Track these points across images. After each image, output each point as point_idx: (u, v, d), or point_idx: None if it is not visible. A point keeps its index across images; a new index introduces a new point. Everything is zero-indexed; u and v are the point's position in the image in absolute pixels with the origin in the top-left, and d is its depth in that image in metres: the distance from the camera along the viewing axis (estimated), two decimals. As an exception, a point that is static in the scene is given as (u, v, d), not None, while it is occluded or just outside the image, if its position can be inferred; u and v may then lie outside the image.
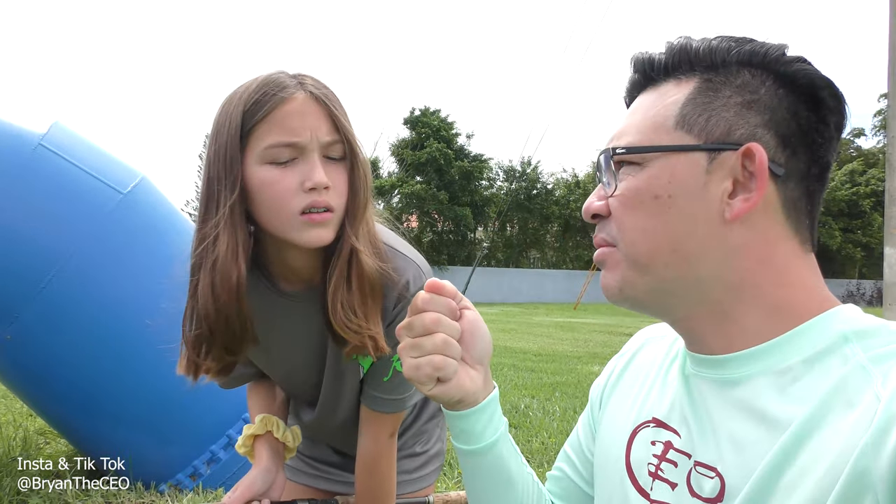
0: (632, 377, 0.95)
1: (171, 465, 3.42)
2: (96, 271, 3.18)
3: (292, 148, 1.09)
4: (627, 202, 0.76)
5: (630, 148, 0.76)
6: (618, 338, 12.82)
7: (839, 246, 38.16)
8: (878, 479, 0.56)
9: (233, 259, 1.12)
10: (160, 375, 3.28)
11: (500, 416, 0.88)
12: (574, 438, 1.03)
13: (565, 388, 6.86)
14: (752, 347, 0.72)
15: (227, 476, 3.48)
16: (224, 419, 3.48)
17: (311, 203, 1.10)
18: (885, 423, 0.57)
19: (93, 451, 3.59)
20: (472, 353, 0.84)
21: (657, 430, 0.84)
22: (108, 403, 3.30)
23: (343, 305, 1.17)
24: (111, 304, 3.21)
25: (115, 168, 3.38)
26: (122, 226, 3.26)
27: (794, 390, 0.67)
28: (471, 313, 0.85)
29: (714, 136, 0.72)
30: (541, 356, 9.58)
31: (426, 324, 0.79)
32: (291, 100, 1.09)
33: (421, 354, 0.79)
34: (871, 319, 0.70)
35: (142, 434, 3.36)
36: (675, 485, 0.77)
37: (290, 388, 1.48)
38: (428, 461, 1.58)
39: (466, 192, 34.98)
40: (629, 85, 0.84)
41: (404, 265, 1.25)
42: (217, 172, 1.12)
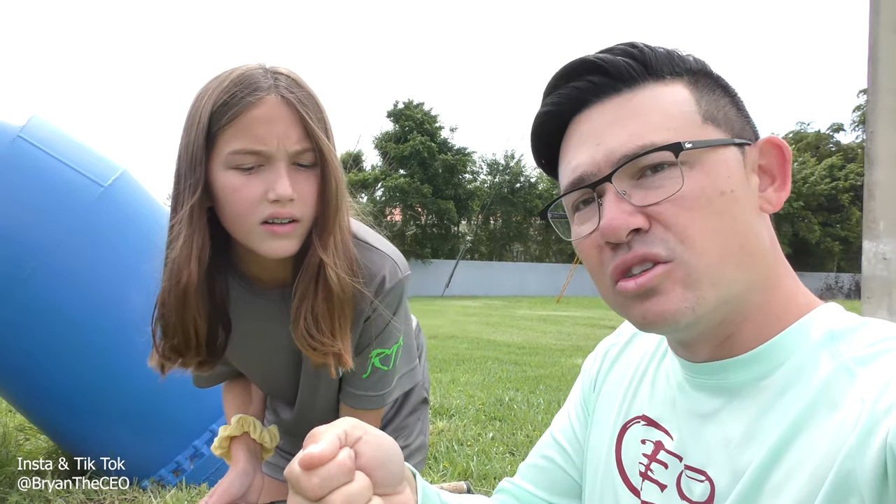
0: (624, 367, 0.93)
1: (153, 461, 3.39)
2: (77, 265, 3.14)
3: (258, 155, 1.06)
4: (693, 203, 0.67)
5: (697, 143, 0.68)
6: (601, 331, 12.88)
7: (818, 240, 38.62)
8: (863, 481, 0.56)
9: (185, 261, 1.10)
10: (142, 370, 3.22)
11: (432, 497, 0.78)
12: (566, 425, 0.99)
13: (549, 380, 6.88)
14: (751, 351, 0.71)
15: (211, 471, 3.46)
16: (207, 414, 3.46)
17: (273, 214, 1.07)
18: (869, 426, 0.57)
19: (74, 448, 3.55)
20: (390, 483, 0.66)
21: (648, 429, 0.83)
22: (90, 399, 3.26)
23: (307, 319, 1.15)
24: (92, 298, 3.17)
25: (95, 161, 3.34)
26: (103, 219, 3.22)
27: (782, 392, 0.67)
28: (365, 446, 0.64)
29: (736, 131, 0.73)
30: (524, 349, 9.60)
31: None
32: (260, 104, 1.05)
33: None
34: (855, 318, 0.70)
35: (124, 430, 3.32)
36: (664, 486, 0.77)
37: (268, 387, 1.46)
38: (410, 455, 1.57)
39: (450, 186, 34.96)
40: (586, 88, 0.74)
41: (380, 261, 1.23)
42: (184, 170, 1.09)
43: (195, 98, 1.10)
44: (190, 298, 1.12)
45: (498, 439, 4.52)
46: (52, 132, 3.29)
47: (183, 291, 1.11)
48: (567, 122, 0.77)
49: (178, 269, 1.10)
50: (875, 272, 5.79)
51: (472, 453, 4.07)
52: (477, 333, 11.92)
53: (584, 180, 0.73)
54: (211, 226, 1.12)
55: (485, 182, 38.67)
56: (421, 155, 33.65)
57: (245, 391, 1.47)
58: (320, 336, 1.15)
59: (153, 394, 3.24)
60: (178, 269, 1.10)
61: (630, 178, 0.70)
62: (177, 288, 1.11)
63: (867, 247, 5.56)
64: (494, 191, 37.00)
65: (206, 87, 1.09)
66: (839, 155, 42.68)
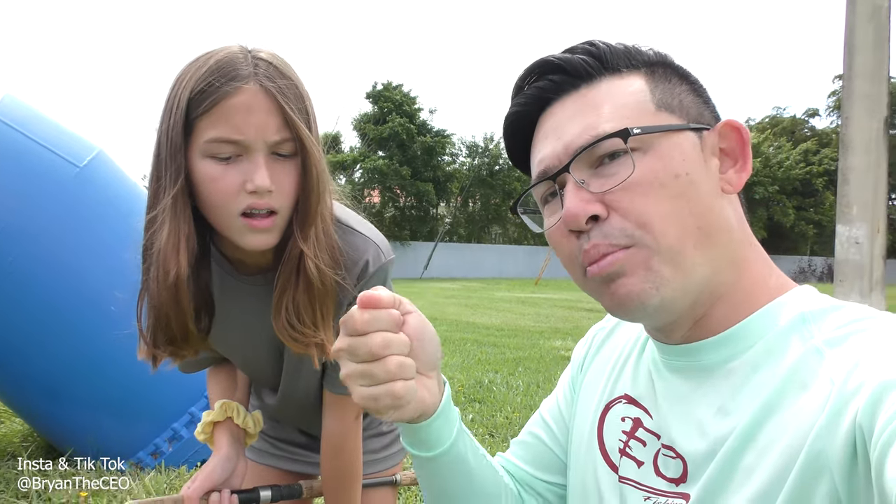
0: (609, 350, 0.95)
1: (132, 444, 3.38)
2: (54, 247, 3.09)
3: (235, 145, 1.03)
4: (646, 188, 0.70)
5: (647, 128, 0.71)
6: (578, 313, 12.98)
7: (792, 223, 39.15)
8: (833, 460, 0.57)
9: (173, 252, 1.08)
10: (121, 352, 3.22)
11: (454, 411, 0.82)
12: (553, 404, 1.01)
13: (528, 362, 6.94)
14: (722, 332, 0.73)
15: (190, 454, 3.45)
16: (187, 396, 3.44)
17: (251, 205, 1.05)
18: (838, 406, 0.58)
19: (51, 431, 3.52)
20: (424, 361, 0.74)
21: (628, 407, 0.85)
22: (68, 382, 3.24)
23: (288, 310, 1.14)
24: (70, 280, 3.13)
25: (70, 141, 3.28)
26: (80, 200, 3.17)
27: (754, 373, 0.69)
28: (415, 318, 0.74)
29: (692, 116, 0.75)
30: (503, 331, 9.66)
31: (373, 349, 0.68)
32: (239, 92, 1.02)
33: (374, 383, 0.69)
34: (827, 300, 0.71)
35: (102, 412, 3.30)
36: (641, 463, 0.79)
37: (251, 372, 1.45)
38: (395, 440, 1.58)
39: (429, 168, 34.86)
40: (547, 87, 0.78)
41: (363, 245, 1.22)
42: (164, 156, 1.07)
43: (174, 81, 1.08)
44: (181, 292, 1.11)
45: (478, 421, 4.55)
46: (25, 111, 3.23)
47: (173, 285, 1.09)
48: (535, 120, 0.81)
49: (165, 261, 1.08)
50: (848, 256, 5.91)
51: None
52: (456, 315, 11.95)
53: (547, 173, 0.77)
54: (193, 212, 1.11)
55: (464, 164, 38.65)
56: (400, 137, 33.49)
57: (230, 376, 1.46)
58: (302, 327, 1.14)
59: (132, 377, 3.21)
60: (164, 262, 1.08)
61: (589, 168, 0.73)
62: (165, 281, 1.09)
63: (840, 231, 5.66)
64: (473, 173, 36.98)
65: (185, 71, 1.06)
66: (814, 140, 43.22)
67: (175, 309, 1.13)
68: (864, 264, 6.00)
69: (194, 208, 1.11)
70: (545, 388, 5.54)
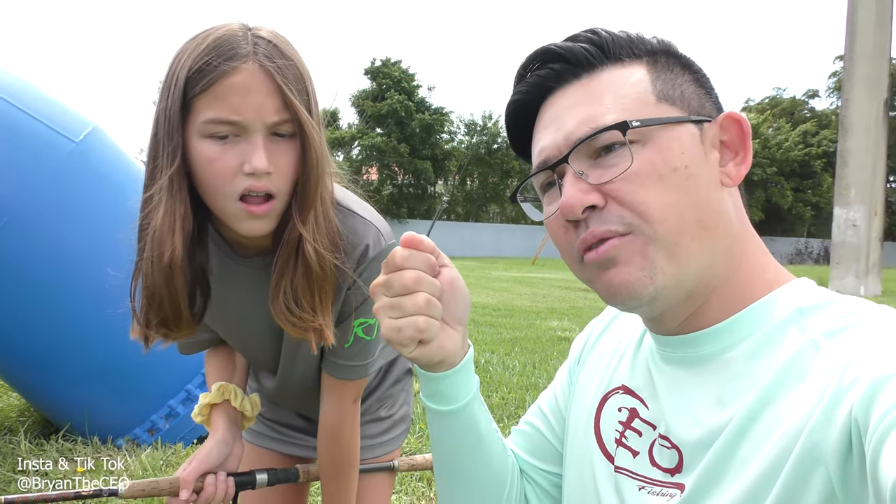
0: (607, 343, 0.96)
1: (128, 420, 3.39)
2: (49, 222, 3.08)
3: (233, 126, 1.02)
4: (644, 179, 0.70)
5: (646, 121, 0.71)
6: (575, 293, 13.01)
7: (790, 205, 39.18)
8: (828, 453, 0.57)
9: (169, 233, 1.06)
10: (118, 328, 3.22)
11: (473, 375, 0.86)
12: (551, 395, 1.02)
13: (524, 342, 6.96)
14: (718, 324, 0.73)
15: (186, 431, 3.46)
16: (183, 374, 3.45)
17: (248, 187, 1.03)
18: (835, 399, 0.58)
19: (47, 406, 3.53)
20: (453, 312, 0.80)
21: (625, 397, 0.85)
22: (64, 357, 3.23)
23: (286, 294, 1.13)
24: (66, 254, 3.11)
25: (65, 116, 3.25)
26: (76, 175, 3.15)
27: (751, 365, 0.69)
28: (449, 271, 0.80)
29: (693, 108, 0.75)
30: (500, 311, 9.67)
31: (406, 282, 0.74)
32: (237, 72, 1.00)
33: (401, 315, 0.74)
34: (825, 293, 0.72)
35: (99, 389, 3.30)
36: (636, 453, 0.80)
37: (249, 355, 1.44)
38: (393, 426, 1.57)
39: (427, 146, 34.77)
40: (548, 75, 0.78)
41: (364, 229, 1.20)
42: (162, 135, 1.05)
43: (173, 59, 1.05)
44: (176, 273, 1.09)
45: (473, 400, 4.55)
46: (20, 86, 3.19)
47: (168, 266, 1.08)
48: (537, 108, 0.81)
49: (160, 242, 1.06)
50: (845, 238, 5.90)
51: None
52: (452, 294, 11.92)
53: (547, 163, 0.77)
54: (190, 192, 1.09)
55: (462, 142, 38.53)
56: (398, 114, 33.35)
57: (228, 359, 1.45)
58: (300, 311, 1.13)
59: (128, 353, 3.17)
60: (160, 242, 1.06)
61: (588, 159, 0.74)
62: (160, 262, 1.07)
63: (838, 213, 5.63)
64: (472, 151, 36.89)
65: (184, 49, 1.04)
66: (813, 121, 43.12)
67: (168, 290, 1.12)
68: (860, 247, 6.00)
69: (193, 190, 1.09)
70: (541, 369, 5.56)
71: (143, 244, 1.11)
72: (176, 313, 1.15)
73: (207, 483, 1.23)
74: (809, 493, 0.58)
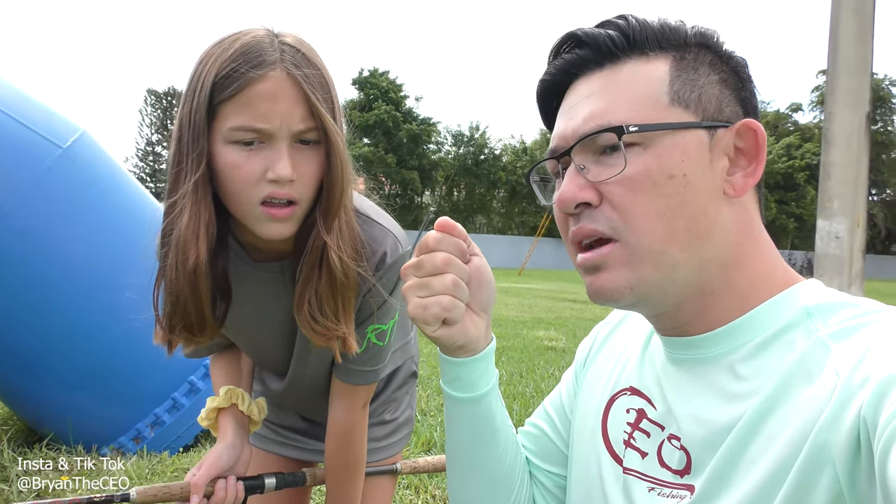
0: (613, 345, 0.96)
1: (113, 428, 3.35)
2: (37, 227, 3.05)
3: (259, 133, 1.02)
4: (637, 185, 0.70)
5: (644, 126, 0.70)
6: (562, 303, 13.03)
7: (774, 217, 39.56)
8: (837, 453, 0.57)
9: (193, 238, 1.06)
10: (104, 335, 3.21)
11: (493, 366, 0.86)
12: (556, 397, 1.02)
13: (511, 352, 6.95)
14: (725, 325, 0.73)
15: (172, 439, 3.43)
16: (169, 382, 3.42)
17: (271, 194, 1.04)
18: (844, 399, 0.58)
19: (31, 414, 3.49)
20: (478, 299, 0.82)
21: (632, 398, 0.85)
22: (50, 363, 3.20)
23: (311, 303, 1.13)
24: (53, 260, 3.09)
25: (53, 121, 3.22)
26: (63, 181, 3.12)
27: (759, 366, 0.69)
28: (478, 260, 0.83)
29: (709, 113, 0.73)
30: (486, 321, 9.64)
31: (437, 263, 0.76)
32: (264, 79, 1.00)
33: (429, 294, 0.76)
34: (833, 294, 0.71)
35: (83, 396, 3.27)
36: (645, 454, 0.79)
37: (259, 358, 1.44)
38: (397, 429, 1.57)
39: (414, 156, 34.84)
40: (572, 61, 0.77)
41: (382, 236, 1.21)
42: (186, 141, 1.05)
43: (198, 62, 1.06)
44: (200, 278, 1.09)
45: (460, 409, 4.54)
46: (8, 91, 3.17)
47: (192, 272, 1.08)
48: (565, 88, 0.80)
49: (185, 248, 1.06)
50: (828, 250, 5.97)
51: (435, 423, 4.11)
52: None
53: (556, 151, 0.78)
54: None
55: (449, 153, 38.60)
56: (385, 124, 33.41)
57: (235, 363, 1.44)
58: (324, 320, 1.14)
59: (113, 360, 3.19)
60: (184, 248, 1.07)
61: (593, 154, 0.73)
62: (184, 268, 1.07)
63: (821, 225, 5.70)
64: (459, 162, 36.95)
65: (210, 53, 1.04)
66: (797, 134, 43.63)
67: (193, 295, 1.11)
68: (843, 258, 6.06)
69: (214, 194, 1.09)
70: (528, 378, 5.56)
71: (167, 250, 1.11)
72: (200, 318, 1.15)
73: (218, 487, 1.23)
74: (817, 494, 0.58)
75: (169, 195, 1.09)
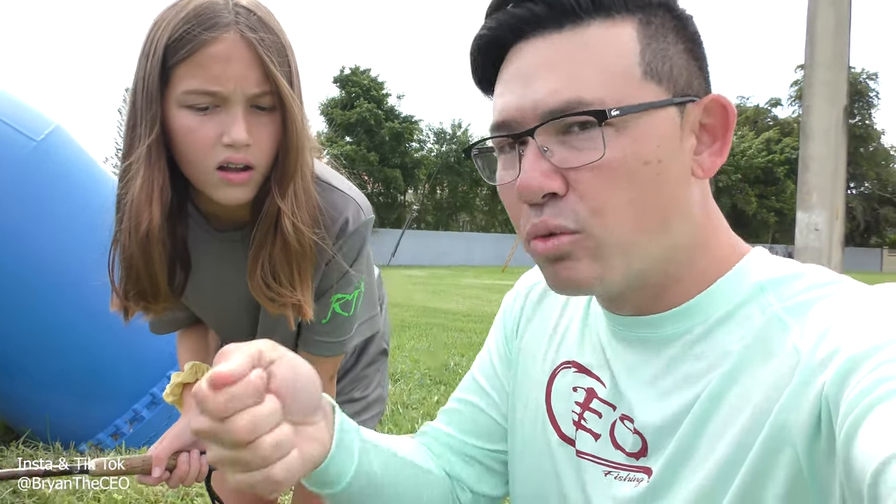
0: (546, 312, 0.89)
1: (91, 425, 3.32)
2: (10, 221, 3.00)
3: (213, 96, 1.01)
4: (612, 174, 0.62)
5: (626, 108, 0.62)
6: (545, 299, 13.04)
7: (754, 211, 39.93)
8: (797, 432, 0.56)
9: (147, 202, 1.05)
10: (80, 331, 3.16)
11: (349, 435, 0.74)
12: (488, 367, 0.94)
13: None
14: (675, 308, 0.70)
15: (151, 435, 3.39)
16: (148, 377, 3.38)
17: (227, 159, 1.02)
18: (805, 378, 0.57)
19: (7, 410, 3.44)
20: (302, 411, 0.64)
21: (579, 376, 0.80)
22: (25, 361, 3.16)
23: (264, 268, 1.12)
24: (28, 254, 3.04)
25: (26, 115, 3.18)
26: (37, 175, 3.08)
27: (714, 344, 0.66)
28: (282, 366, 0.61)
29: (680, 87, 0.66)
30: (470, 317, 9.67)
31: (239, 436, 0.56)
32: (218, 41, 0.98)
33: (249, 470, 0.58)
34: (781, 265, 0.69)
35: (61, 393, 3.23)
36: (598, 436, 0.75)
37: (223, 332, 1.42)
38: (367, 407, 1.55)
39: (397, 154, 34.79)
40: (525, 17, 0.65)
41: (343, 203, 1.19)
42: (140, 104, 1.04)
43: (152, 25, 1.04)
44: (153, 243, 1.08)
45: (443, 402, 4.48)
46: (-21, 84, 3.13)
47: (145, 236, 1.06)
48: (508, 46, 0.69)
49: (138, 212, 1.05)
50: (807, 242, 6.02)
51: (417, 416, 4.11)
52: (423, 301, 11.94)
53: (508, 126, 0.67)
54: (168, 163, 1.08)
55: (431, 151, 38.61)
56: (367, 122, 33.34)
57: (201, 339, 1.43)
58: (278, 287, 1.13)
59: (91, 357, 3.16)
60: (137, 213, 1.05)
61: (556, 133, 0.64)
62: (137, 232, 1.06)
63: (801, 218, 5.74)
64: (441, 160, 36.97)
65: (163, 16, 1.03)
66: (776, 129, 44.08)
67: (146, 261, 1.10)
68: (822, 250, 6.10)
69: (171, 161, 1.08)
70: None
71: (122, 214, 1.10)
72: (153, 285, 1.14)
73: (181, 461, 1.20)
74: (777, 472, 0.58)
75: (123, 159, 1.08)
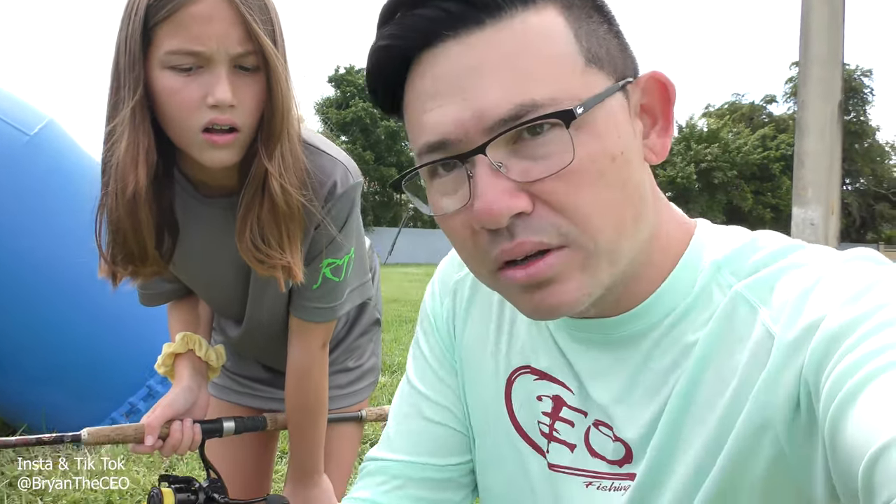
0: (483, 308, 0.81)
1: (88, 419, 3.29)
2: (4, 215, 3.01)
3: (196, 56, 1.00)
4: (582, 177, 0.55)
5: (587, 102, 0.55)
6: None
7: (750, 207, 39.98)
8: (777, 414, 0.55)
9: (132, 165, 1.04)
10: (75, 326, 3.17)
11: None
12: (431, 378, 0.84)
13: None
14: (642, 303, 0.65)
15: (148, 428, 3.40)
16: (143, 370, 3.37)
17: (212, 120, 1.02)
18: (780, 360, 0.55)
19: (2, 406, 3.44)
20: None
21: (542, 384, 0.74)
22: (20, 355, 3.16)
23: (252, 230, 1.12)
24: (22, 248, 3.05)
25: (20, 109, 3.20)
26: (30, 169, 3.09)
27: (680, 336, 0.63)
28: None
29: (619, 69, 0.60)
30: (466, 313, 9.66)
31: None
32: (199, 1, 0.98)
33: None
34: (732, 237, 0.66)
35: (57, 387, 3.23)
36: (573, 446, 0.71)
37: (214, 301, 1.42)
38: (361, 376, 1.56)
39: (392, 153, 34.80)
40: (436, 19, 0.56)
41: (331, 166, 1.19)
42: (123, 67, 1.03)
43: None
44: (140, 205, 1.07)
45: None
46: (-28, 78, 3.12)
47: (132, 198, 1.06)
48: (412, 57, 0.60)
49: (124, 174, 1.04)
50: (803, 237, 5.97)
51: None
52: (419, 297, 11.79)
53: (446, 145, 0.58)
54: (153, 127, 1.07)
55: (428, 149, 38.60)
56: (363, 121, 33.35)
57: (192, 311, 1.42)
58: (267, 248, 1.12)
59: (86, 350, 3.16)
60: (123, 176, 1.05)
61: (505, 145, 0.56)
62: (123, 195, 1.06)
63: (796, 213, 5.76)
64: (437, 158, 36.93)
65: None
66: (771, 126, 44.18)
67: (132, 225, 1.10)
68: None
69: (157, 125, 1.07)
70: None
71: (108, 178, 1.09)
72: (141, 248, 1.14)
73: (174, 429, 1.20)
74: (759, 454, 0.57)
75: (108, 122, 1.08)
